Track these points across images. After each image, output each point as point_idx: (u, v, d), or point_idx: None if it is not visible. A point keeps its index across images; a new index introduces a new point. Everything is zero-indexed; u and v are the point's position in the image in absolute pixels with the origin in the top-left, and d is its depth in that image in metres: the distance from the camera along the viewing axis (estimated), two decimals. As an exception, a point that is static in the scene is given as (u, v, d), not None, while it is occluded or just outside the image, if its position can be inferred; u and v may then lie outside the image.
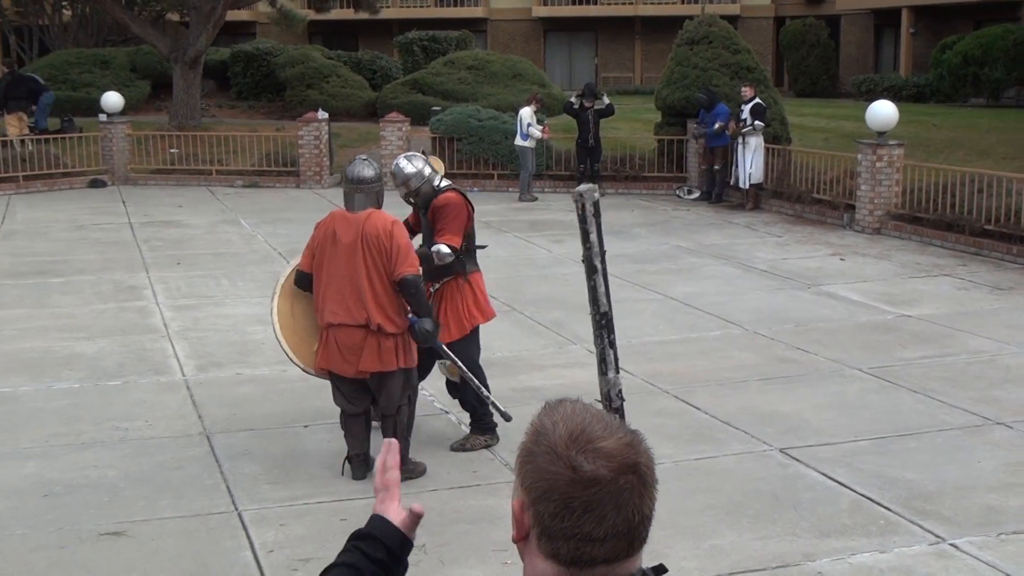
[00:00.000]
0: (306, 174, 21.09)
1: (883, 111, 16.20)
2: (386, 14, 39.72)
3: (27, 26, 35.64)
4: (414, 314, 6.85)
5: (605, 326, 1.97)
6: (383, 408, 6.90)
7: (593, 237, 2.33)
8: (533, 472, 1.67)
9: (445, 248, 7.22)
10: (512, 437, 7.59)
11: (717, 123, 18.35)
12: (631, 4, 41.77)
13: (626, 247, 14.82)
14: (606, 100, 19.86)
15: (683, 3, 39.63)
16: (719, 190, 18.89)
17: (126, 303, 11.80)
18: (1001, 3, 31.08)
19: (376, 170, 6.94)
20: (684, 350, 10.02)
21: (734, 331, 10.60)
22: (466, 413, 7.68)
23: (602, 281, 2.16)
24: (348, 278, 6.67)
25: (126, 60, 29.44)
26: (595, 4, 41.99)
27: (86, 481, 6.95)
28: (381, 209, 6.89)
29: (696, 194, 19.43)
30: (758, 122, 17.90)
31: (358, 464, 6.92)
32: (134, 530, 6.24)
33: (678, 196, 19.67)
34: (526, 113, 19.36)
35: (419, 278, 6.79)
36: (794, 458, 7.31)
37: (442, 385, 7.83)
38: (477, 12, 42.42)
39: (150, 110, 27.84)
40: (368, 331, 6.68)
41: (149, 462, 7.28)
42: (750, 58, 20.06)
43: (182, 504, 6.60)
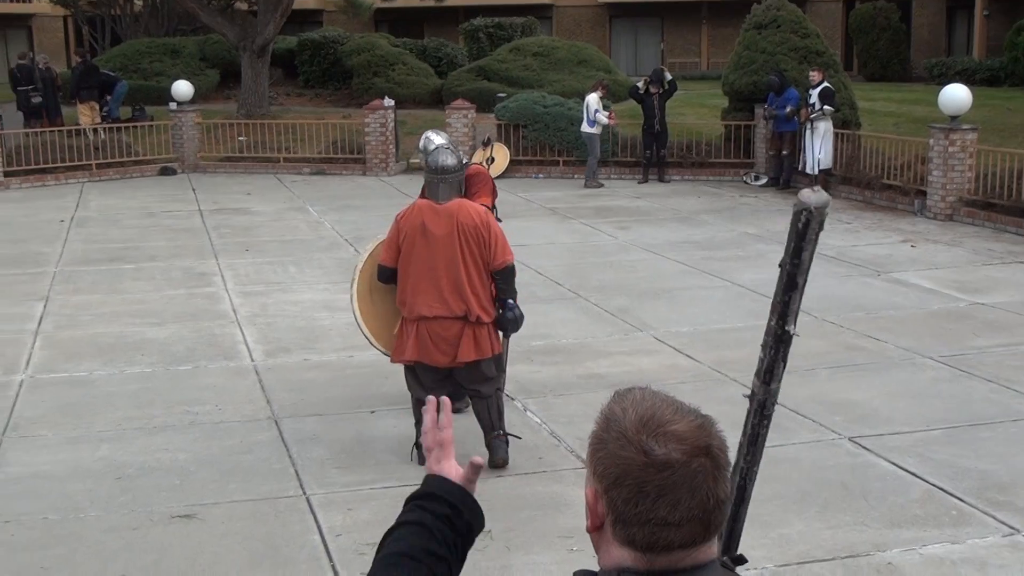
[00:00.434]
0: (372, 161, 21.19)
1: (956, 95, 15.90)
2: (451, 1, 39.82)
3: (99, 16, 36.22)
4: (504, 300, 6.88)
5: (784, 341, 1.95)
6: (485, 393, 6.87)
7: (806, 255, 2.22)
8: (605, 459, 1.67)
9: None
10: (579, 425, 7.58)
11: (788, 107, 18.13)
12: (698, -12, 41.44)
13: (693, 234, 14.72)
14: (668, 76, 19.73)
15: (751, -13, 39.18)
16: (787, 176, 18.67)
17: (196, 289, 11.96)
18: (1079, -16, 30.37)
19: (458, 158, 6.93)
20: (751, 337, 9.91)
21: (802, 318, 10.43)
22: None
23: (798, 299, 2.12)
24: (445, 270, 6.62)
25: (196, 49, 29.81)
26: (661, -11, 41.72)
27: (157, 464, 7.06)
28: (463, 196, 6.93)
29: (763, 180, 19.23)
30: (827, 107, 17.65)
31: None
32: (204, 513, 6.33)
33: (745, 182, 19.48)
34: (593, 99, 19.27)
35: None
36: (864, 447, 7.21)
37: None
38: (543, -2, 42.36)
39: (219, 99, 28.17)
40: (466, 322, 6.68)
41: (219, 446, 7.38)
42: (819, 42, 19.77)
43: (251, 488, 6.68)
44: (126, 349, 9.65)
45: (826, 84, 17.85)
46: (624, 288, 11.74)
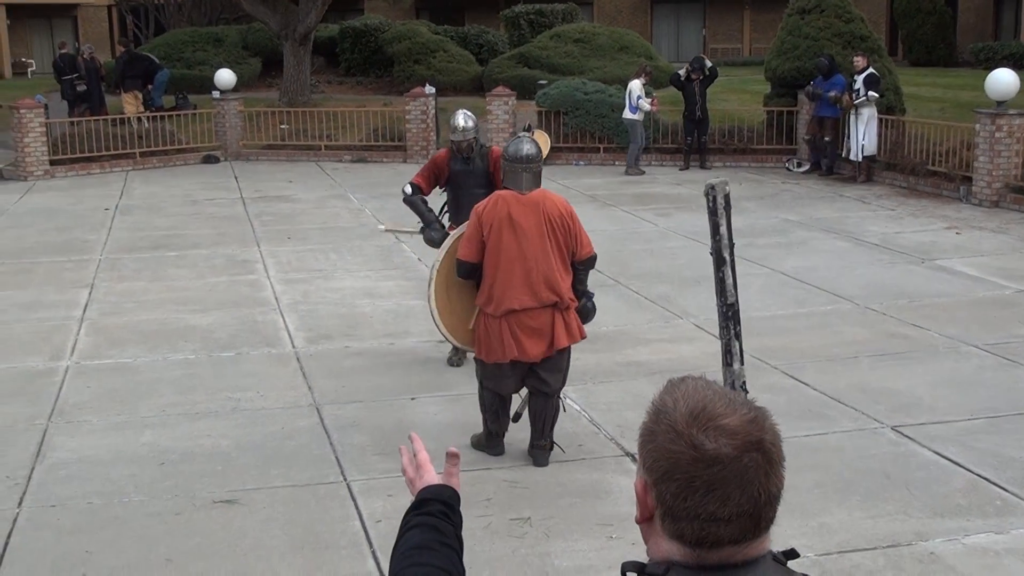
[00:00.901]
0: (413, 149, 21.23)
1: (1003, 79, 15.69)
2: (492, -12, 39.72)
3: (143, 6, 36.50)
4: (584, 290, 6.89)
5: (732, 317, 1.92)
6: (553, 387, 6.81)
7: (723, 229, 2.28)
8: (655, 451, 1.64)
9: None
10: (619, 412, 7.57)
11: (833, 91, 17.93)
12: (740, -26, 41.12)
13: (734, 221, 14.54)
14: (708, 64, 19.62)
15: (794, -28, 38.79)
16: (830, 162, 18.50)
17: (238, 277, 12.04)
18: None
19: (536, 146, 6.84)
20: (793, 325, 9.86)
21: (844, 306, 10.40)
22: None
23: (730, 272, 2.11)
24: (536, 260, 6.52)
25: (238, 38, 29.96)
26: (703, -26, 41.44)
27: (200, 450, 7.13)
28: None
29: (806, 167, 19.07)
30: (872, 92, 17.46)
31: (500, 442, 6.97)
32: (246, 498, 6.38)
33: (788, 169, 19.33)
34: (635, 86, 19.19)
35: None
36: (906, 436, 7.15)
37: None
38: (583, -15, 42.16)
39: (261, 87, 28.30)
40: (556, 310, 6.62)
41: (261, 432, 7.44)
42: (863, 27, 19.56)
43: (292, 474, 6.73)
44: (169, 336, 9.74)
45: (871, 70, 17.65)
46: (664, 275, 11.70)
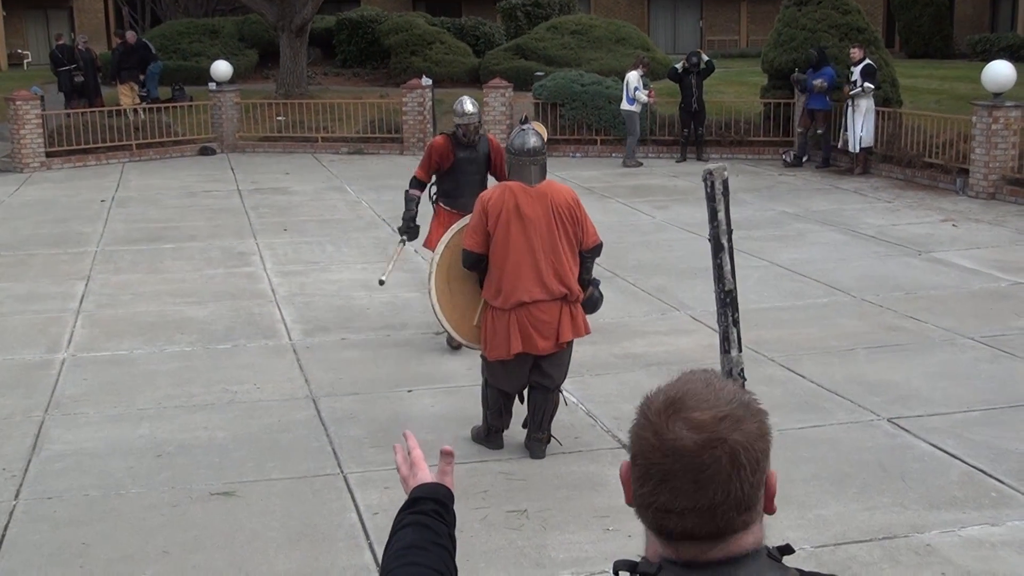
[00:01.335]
0: (410, 140, 21.21)
1: (1000, 71, 15.69)
2: (489, -20, 39.64)
3: (139, -3, 36.41)
4: (590, 280, 6.89)
5: (730, 304, 1.92)
6: (555, 382, 6.80)
7: (721, 215, 2.28)
8: (630, 435, 1.64)
9: None
10: (615, 404, 7.58)
11: (818, 80, 17.86)
12: (737, -35, 41.05)
13: (731, 213, 14.60)
14: (705, 58, 19.62)
15: (791, -37, 38.72)
16: (825, 154, 18.49)
17: (235, 269, 12.04)
18: None
19: (541, 138, 6.82)
20: (790, 317, 9.87)
21: (841, 298, 10.41)
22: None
23: (728, 259, 2.10)
24: (544, 252, 6.50)
25: (234, 29, 29.90)
26: (700, -34, 41.36)
27: (197, 442, 7.13)
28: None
29: (789, 159, 18.93)
30: (868, 84, 17.45)
31: (500, 438, 6.96)
32: (243, 490, 6.39)
33: (784, 161, 19.32)
34: (633, 77, 19.17)
35: None
36: (902, 428, 7.16)
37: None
38: (580, -24, 42.08)
39: (258, 78, 28.26)
40: (563, 303, 6.60)
41: (257, 424, 7.44)
42: (860, 18, 19.54)
43: (289, 466, 6.74)
44: (166, 328, 9.74)
45: (868, 61, 17.64)
46: (661, 267, 11.70)
